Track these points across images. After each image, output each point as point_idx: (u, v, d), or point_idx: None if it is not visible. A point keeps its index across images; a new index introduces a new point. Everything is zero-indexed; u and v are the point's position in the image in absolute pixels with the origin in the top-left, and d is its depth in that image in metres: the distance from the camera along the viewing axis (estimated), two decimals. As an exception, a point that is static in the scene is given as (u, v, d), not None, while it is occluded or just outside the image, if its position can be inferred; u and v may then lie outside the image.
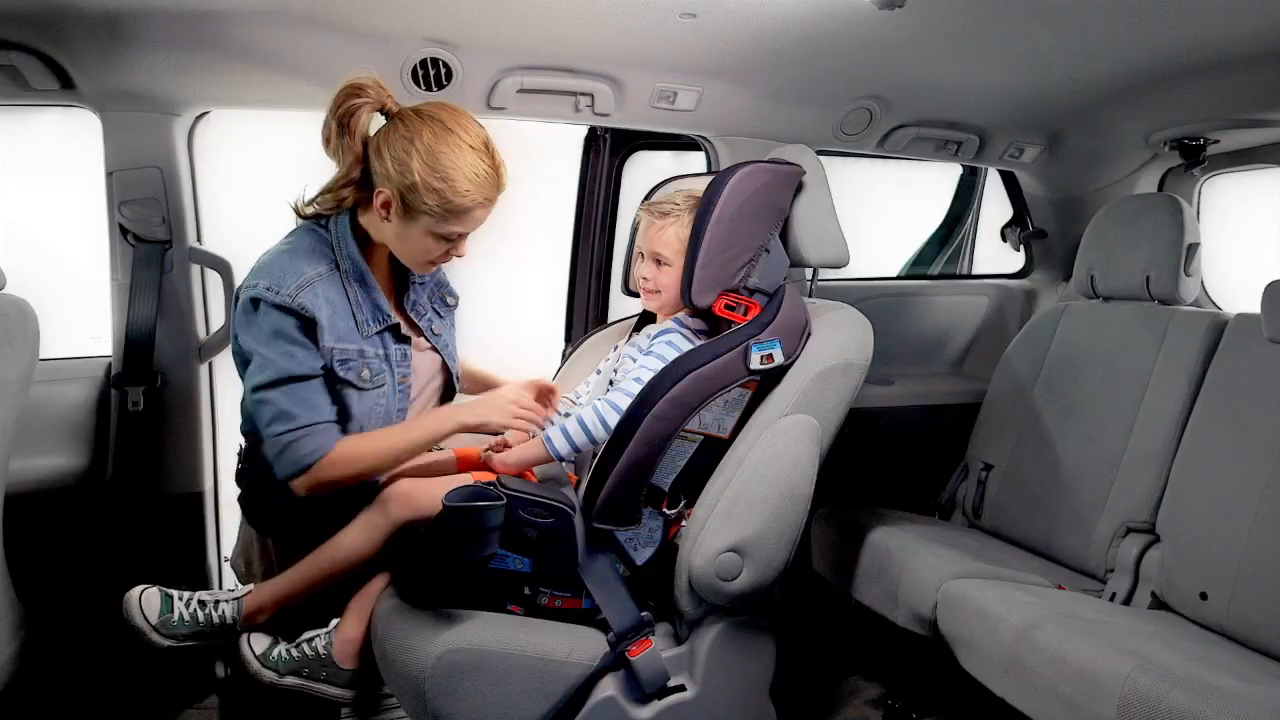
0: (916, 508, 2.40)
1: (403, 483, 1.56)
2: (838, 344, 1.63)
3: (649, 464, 1.54)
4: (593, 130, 2.34)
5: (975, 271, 3.03)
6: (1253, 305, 1.90)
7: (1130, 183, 2.51)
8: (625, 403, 1.54)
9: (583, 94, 1.94)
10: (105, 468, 1.92)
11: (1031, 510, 2.17)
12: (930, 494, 2.45)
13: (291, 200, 1.53)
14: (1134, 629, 1.60)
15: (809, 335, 1.65)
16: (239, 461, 1.65)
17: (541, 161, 2.43)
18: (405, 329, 1.59)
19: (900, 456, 2.52)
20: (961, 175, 2.95)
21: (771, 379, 1.62)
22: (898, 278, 2.96)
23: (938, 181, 2.97)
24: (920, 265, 3.03)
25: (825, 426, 1.62)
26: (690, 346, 1.63)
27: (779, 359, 1.60)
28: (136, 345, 1.85)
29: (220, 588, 2.13)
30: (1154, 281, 2.09)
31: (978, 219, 2.96)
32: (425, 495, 1.53)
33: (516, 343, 2.72)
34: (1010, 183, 2.75)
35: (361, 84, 1.42)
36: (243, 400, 1.60)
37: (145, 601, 1.53)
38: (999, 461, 2.29)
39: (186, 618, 1.54)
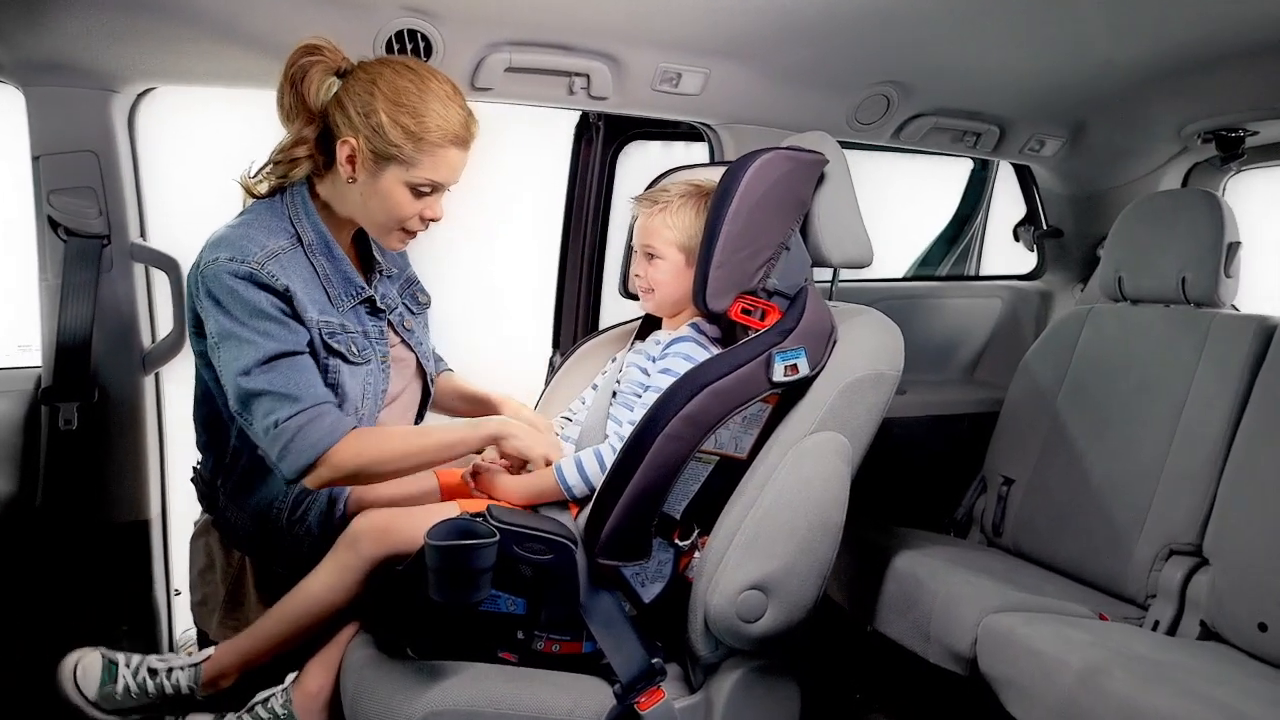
0: (928, 524, 2.24)
1: (375, 514, 1.36)
2: (867, 352, 1.47)
3: (660, 490, 1.36)
4: (584, 117, 2.16)
5: (983, 273, 2.88)
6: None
7: (1155, 179, 2.38)
8: None
9: (578, 74, 1.75)
10: (35, 493, 1.69)
11: (1060, 529, 2.01)
12: (943, 509, 2.30)
13: (237, 177, 1.37)
14: (1203, 670, 1.44)
15: (835, 343, 1.48)
16: (201, 485, 1.44)
17: (527, 151, 2.24)
18: (380, 302, 1.43)
19: (912, 469, 2.37)
20: (972, 170, 2.80)
21: (794, 392, 1.45)
22: (904, 279, 2.80)
23: (947, 177, 2.82)
24: (927, 266, 2.87)
25: (855, 445, 1.45)
26: (707, 357, 1.45)
27: (804, 370, 1.43)
28: (69, 355, 1.62)
29: (170, 624, 1.91)
30: (1190, 283, 1.95)
31: (987, 217, 2.81)
32: (403, 528, 1.34)
33: (498, 350, 2.54)
34: (1024, 178, 2.61)
35: (315, 44, 1.30)
36: (195, 412, 1.40)
37: (82, 672, 1.32)
38: (1021, 475, 2.14)
39: (134, 689, 1.33)
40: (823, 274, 1.62)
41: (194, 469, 1.46)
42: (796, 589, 1.38)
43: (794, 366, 1.42)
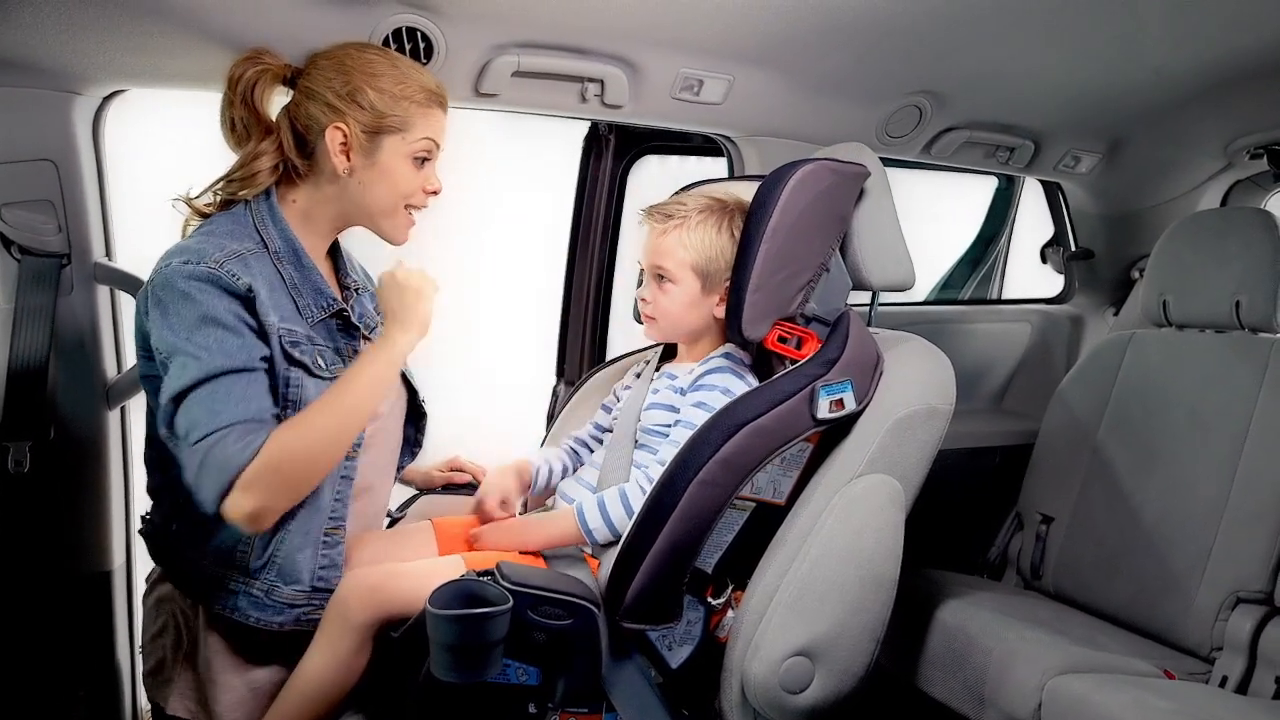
0: (958, 564, 2.09)
1: (363, 574, 1.19)
2: (917, 385, 1.33)
3: (694, 543, 1.21)
4: (594, 129, 2.01)
5: (1006, 296, 2.75)
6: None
7: (1194, 197, 2.26)
8: None
9: (591, 80, 1.60)
10: (-18, 543, 1.51)
11: (1108, 573, 1.87)
12: (973, 548, 2.14)
13: (179, 194, 1.26)
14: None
15: (880, 374, 1.33)
16: (153, 534, 1.27)
17: (532, 165, 2.10)
18: (356, 319, 1.31)
19: (939, 506, 2.19)
20: (997, 188, 2.67)
21: (837, 430, 1.30)
22: (927, 302, 2.66)
23: (967, 194, 2.69)
24: (949, 289, 2.74)
25: (908, 489, 1.31)
26: (746, 389, 1.29)
27: (850, 405, 1.29)
28: (22, 388, 1.45)
29: (135, 687, 1.72)
30: (1246, 307, 1.82)
31: (1011, 237, 2.69)
32: (395, 588, 1.17)
33: (494, 379, 2.38)
34: (1053, 197, 2.49)
35: (257, 53, 1.24)
36: (148, 452, 1.25)
37: None
38: (1060, 513, 2.00)
39: None
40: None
41: (143, 518, 1.30)
42: (847, 654, 1.23)
43: (840, 401, 1.28)
